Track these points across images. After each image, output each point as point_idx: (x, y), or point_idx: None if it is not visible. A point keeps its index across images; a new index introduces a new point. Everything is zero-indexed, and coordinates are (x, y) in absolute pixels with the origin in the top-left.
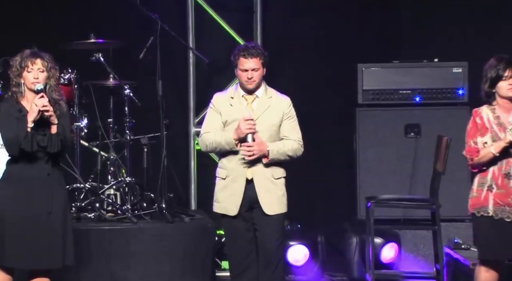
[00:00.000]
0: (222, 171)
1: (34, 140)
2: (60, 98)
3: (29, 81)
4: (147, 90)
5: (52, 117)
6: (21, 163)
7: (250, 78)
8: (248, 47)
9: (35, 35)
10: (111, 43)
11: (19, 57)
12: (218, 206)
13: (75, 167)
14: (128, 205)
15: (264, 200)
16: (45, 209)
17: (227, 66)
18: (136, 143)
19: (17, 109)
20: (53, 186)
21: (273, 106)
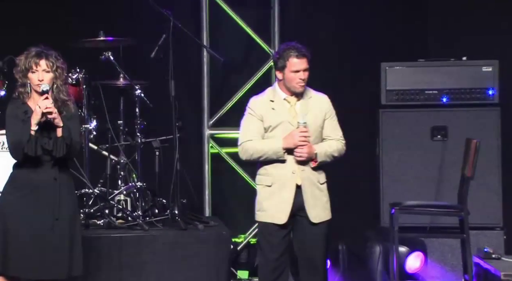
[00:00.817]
0: (266, 178)
1: (38, 144)
2: (68, 98)
3: (34, 82)
4: (159, 90)
5: (57, 120)
6: (26, 167)
7: (303, 80)
8: (299, 47)
9: (42, 33)
10: (122, 41)
11: (23, 57)
12: (263, 215)
13: (84, 171)
14: (139, 211)
15: (310, 208)
16: (51, 216)
17: (243, 65)
18: (147, 146)
19: (23, 111)
20: (60, 191)
21: (315, 107)
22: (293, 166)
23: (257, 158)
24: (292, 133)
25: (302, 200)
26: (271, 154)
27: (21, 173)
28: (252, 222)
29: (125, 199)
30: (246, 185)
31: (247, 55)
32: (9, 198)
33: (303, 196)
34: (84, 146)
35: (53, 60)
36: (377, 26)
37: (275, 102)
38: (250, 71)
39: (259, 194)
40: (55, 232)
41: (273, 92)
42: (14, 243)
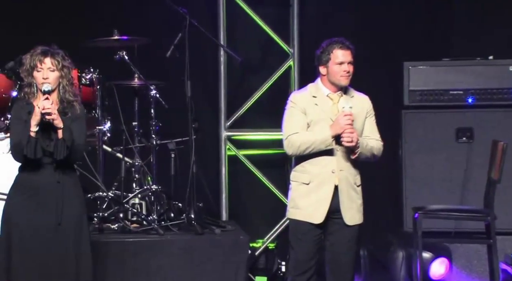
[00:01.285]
0: (304, 175)
1: (38, 146)
2: (75, 99)
3: (39, 81)
4: (175, 91)
5: (56, 121)
6: (29, 170)
7: (347, 72)
8: (343, 40)
9: (55, 32)
10: (136, 40)
11: (29, 55)
12: (298, 213)
13: (98, 174)
14: (154, 215)
15: (346, 209)
16: (54, 220)
17: (261, 65)
18: (162, 148)
19: (27, 111)
20: (63, 194)
21: (357, 105)
22: (333, 165)
23: (304, 150)
24: (338, 118)
25: (338, 201)
26: (319, 143)
27: (24, 176)
28: (271, 227)
29: (140, 203)
30: (264, 188)
31: (265, 55)
32: (13, 201)
33: (340, 197)
34: (98, 148)
35: (59, 58)
36: (399, 24)
37: (317, 98)
38: (269, 71)
39: (295, 191)
40: (59, 237)
41: (315, 88)
42: (18, 248)
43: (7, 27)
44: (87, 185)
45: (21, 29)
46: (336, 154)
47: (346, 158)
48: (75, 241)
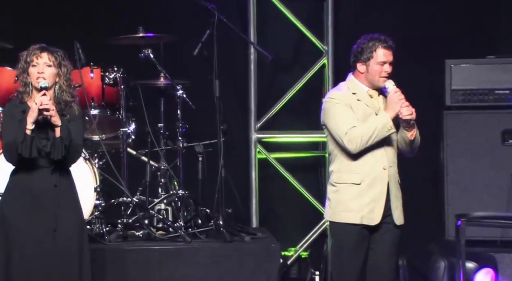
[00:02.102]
0: (353, 175)
1: (34, 145)
2: (72, 100)
3: (34, 76)
4: (202, 91)
5: (54, 118)
6: (23, 173)
7: (387, 73)
8: (386, 37)
9: (78, 29)
10: (162, 38)
11: (25, 52)
12: (351, 216)
13: (122, 178)
14: (181, 222)
15: (394, 208)
16: (51, 226)
17: (293, 63)
18: (189, 151)
19: (21, 110)
20: (60, 199)
21: None
22: (384, 161)
23: (367, 140)
24: (390, 97)
25: (389, 200)
26: (381, 128)
27: (18, 180)
28: (304, 234)
29: (166, 209)
30: (297, 193)
31: (297, 52)
32: (8, 208)
33: (390, 195)
34: (122, 151)
35: (57, 56)
36: (441, 20)
37: (357, 94)
38: (301, 70)
39: (344, 193)
40: (55, 244)
41: (352, 85)
42: (15, 257)
43: (29, 23)
44: (111, 190)
45: (43, 24)
46: (386, 149)
47: (393, 154)
48: (77, 248)
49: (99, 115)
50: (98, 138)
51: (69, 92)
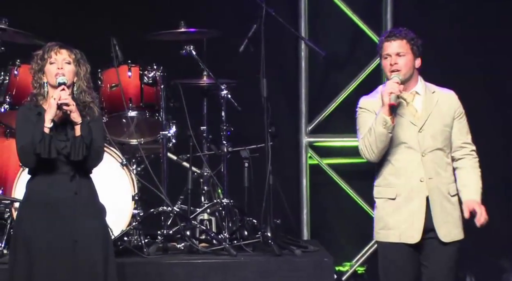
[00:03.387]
0: (389, 190)
1: (53, 144)
2: (92, 100)
3: (52, 73)
4: (249, 91)
5: (74, 114)
6: (40, 180)
7: (392, 65)
8: (393, 29)
9: (114, 24)
10: (205, 33)
11: (41, 50)
12: (390, 234)
13: (161, 186)
14: (226, 233)
15: (440, 224)
16: (71, 237)
17: (348, 60)
18: (235, 157)
19: (36, 113)
20: (81, 207)
21: (441, 103)
22: (420, 172)
23: (370, 143)
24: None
25: (431, 215)
26: (379, 124)
27: (35, 188)
28: (360, 247)
29: (209, 219)
30: (352, 203)
31: (353, 49)
32: (26, 219)
33: (432, 210)
34: (162, 156)
35: (76, 53)
36: (510, 12)
37: None
38: (357, 68)
39: (381, 210)
40: (79, 256)
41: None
42: (37, 271)
43: (62, 18)
44: (150, 198)
45: (77, 20)
46: (422, 160)
47: (436, 164)
48: (101, 260)
49: (137, 117)
50: (136, 142)
51: (89, 93)
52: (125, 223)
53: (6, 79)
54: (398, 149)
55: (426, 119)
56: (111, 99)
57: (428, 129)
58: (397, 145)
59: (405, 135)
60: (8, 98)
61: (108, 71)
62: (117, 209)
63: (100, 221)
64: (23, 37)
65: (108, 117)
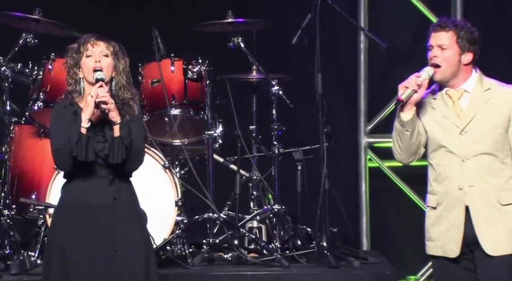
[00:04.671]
0: (432, 197)
1: (90, 146)
2: (131, 97)
3: (88, 68)
4: (302, 86)
5: (113, 113)
6: (76, 185)
7: (431, 58)
8: (443, 19)
9: (156, 14)
10: (255, 24)
11: (76, 44)
12: (432, 247)
13: (207, 190)
14: (277, 242)
15: (485, 235)
16: (111, 246)
17: (412, 53)
18: (287, 159)
19: (71, 112)
20: (121, 214)
21: (494, 101)
22: (459, 179)
23: (395, 140)
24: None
25: (472, 226)
26: (396, 119)
27: (71, 193)
28: (426, 259)
29: (259, 227)
30: (416, 209)
31: (418, 40)
32: (61, 227)
33: (473, 221)
34: (207, 158)
35: (115, 45)
36: None
37: (437, 99)
38: (422, 61)
39: (427, 219)
40: (119, 267)
41: (436, 87)
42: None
43: (100, 8)
44: (194, 204)
45: (118, 8)
46: (463, 165)
47: (481, 170)
48: (139, 272)
49: (180, 115)
50: (179, 143)
51: (128, 89)
52: (167, 231)
53: (40, 74)
54: (438, 153)
55: (470, 120)
56: (153, 96)
57: (471, 131)
58: (437, 149)
59: (445, 137)
60: (42, 95)
61: (149, 66)
62: (159, 215)
63: (141, 229)
64: (58, 29)
65: (149, 115)
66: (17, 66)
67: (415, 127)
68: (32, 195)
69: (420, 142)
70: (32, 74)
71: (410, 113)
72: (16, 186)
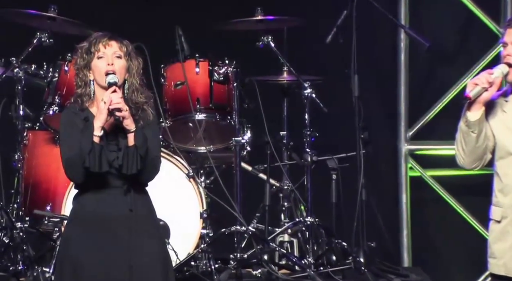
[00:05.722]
0: (496, 210)
1: (103, 156)
2: (145, 101)
3: (100, 70)
4: (337, 89)
5: (127, 121)
6: (89, 196)
7: (505, 57)
8: None
9: (179, 12)
10: (286, 21)
11: (87, 41)
12: (494, 264)
13: (234, 201)
14: (310, 258)
15: None
16: (125, 262)
17: (457, 52)
18: (320, 167)
19: (82, 118)
20: (137, 226)
21: None
22: None
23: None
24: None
25: None
26: (462, 119)
27: (84, 205)
28: (473, 277)
29: (291, 241)
30: (462, 222)
31: (463, 39)
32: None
33: None
34: (235, 167)
35: (128, 45)
36: None
37: (509, 102)
38: (468, 61)
39: (490, 233)
40: None
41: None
42: None
43: (121, 3)
44: (221, 216)
45: (138, 5)
46: None
47: None
48: None
49: (206, 120)
50: (204, 150)
51: (142, 92)
52: (192, 245)
53: (56, 76)
54: (506, 161)
55: None
56: (176, 99)
57: None
58: (505, 156)
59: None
60: (58, 99)
61: (173, 67)
62: (182, 228)
63: (159, 242)
64: (75, 27)
65: (172, 120)
66: (31, 68)
67: (482, 129)
68: (47, 207)
69: (487, 147)
70: (47, 76)
71: (478, 113)
72: (30, 197)
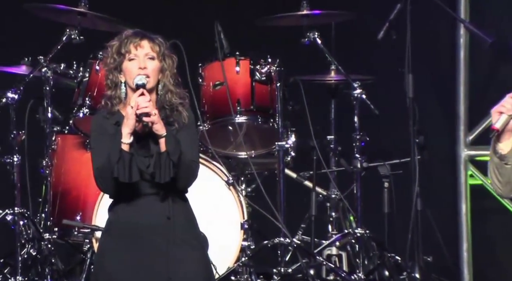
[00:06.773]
0: None
1: (134, 165)
2: (181, 102)
3: (132, 74)
4: (389, 90)
5: (157, 126)
6: (123, 205)
7: None
8: None
9: (219, 6)
10: (335, 16)
11: (117, 40)
12: None
13: (277, 211)
14: (360, 273)
15: None
16: (164, 274)
17: None
18: (371, 174)
19: (113, 122)
20: (176, 237)
21: None
22: None
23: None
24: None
25: None
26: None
27: (118, 215)
28: None
29: (339, 254)
30: None
31: None
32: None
33: None
34: (278, 174)
35: (160, 44)
36: None
37: None
38: None
39: None
40: None
41: None
42: None
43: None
44: (262, 227)
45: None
46: None
47: None
48: None
49: (247, 123)
50: (245, 156)
51: (176, 93)
52: (232, 258)
53: (86, 76)
54: None
55: None
56: (215, 100)
57: None
58: None
59: None
60: (88, 100)
61: (211, 66)
62: (221, 240)
63: (201, 254)
64: (107, 23)
65: (211, 123)
66: (60, 67)
67: None
68: (77, 216)
69: None
70: (76, 76)
71: (509, 143)
72: (59, 206)
